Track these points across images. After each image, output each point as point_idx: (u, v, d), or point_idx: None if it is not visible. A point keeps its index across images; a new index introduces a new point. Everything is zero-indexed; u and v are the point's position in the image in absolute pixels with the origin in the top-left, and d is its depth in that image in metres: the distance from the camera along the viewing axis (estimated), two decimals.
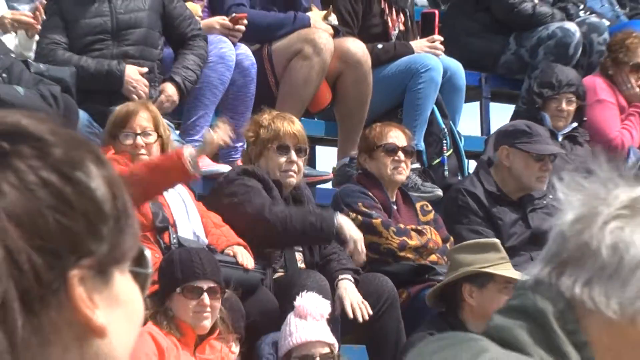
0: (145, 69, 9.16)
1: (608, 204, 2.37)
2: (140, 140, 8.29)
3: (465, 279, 8.37)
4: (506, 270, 8.31)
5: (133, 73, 8.93)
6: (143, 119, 8.34)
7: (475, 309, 8.33)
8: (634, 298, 2.31)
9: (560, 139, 9.80)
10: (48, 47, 9.32)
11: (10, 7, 9.75)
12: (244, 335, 7.98)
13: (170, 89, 8.85)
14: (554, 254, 2.42)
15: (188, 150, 7.86)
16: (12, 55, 8.85)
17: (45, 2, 9.16)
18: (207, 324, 7.59)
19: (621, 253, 2.34)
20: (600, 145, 10.03)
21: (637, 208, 2.40)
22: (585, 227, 2.37)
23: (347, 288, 8.37)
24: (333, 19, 9.48)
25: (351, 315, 8.27)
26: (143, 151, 8.33)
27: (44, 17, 9.14)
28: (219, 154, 9.54)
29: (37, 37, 9.55)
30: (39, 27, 9.08)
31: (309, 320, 7.94)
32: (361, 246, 8.03)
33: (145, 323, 7.17)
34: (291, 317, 7.97)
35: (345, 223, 8.05)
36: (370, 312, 8.35)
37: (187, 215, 8.39)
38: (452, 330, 7.62)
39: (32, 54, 9.43)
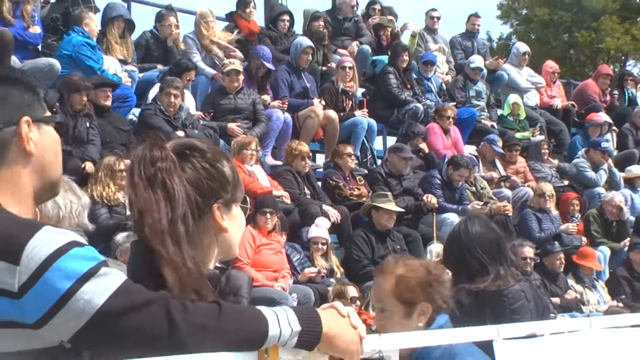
0: (238, 123, 8.72)
1: None
2: (254, 152, 8.14)
3: (373, 207, 8.22)
4: (388, 205, 8.21)
5: (231, 125, 8.70)
6: (254, 144, 8.20)
7: (376, 220, 8.14)
8: None
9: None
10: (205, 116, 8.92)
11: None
12: (288, 231, 7.88)
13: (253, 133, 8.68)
14: None
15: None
16: (194, 117, 8.51)
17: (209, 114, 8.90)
18: (269, 226, 7.42)
19: None
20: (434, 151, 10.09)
21: None
22: None
23: (329, 209, 8.23)
24: (323, 103, 9.63)
25: (333, 219, 8.17)
26: (254, 159, 8.17)
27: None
28: (278, 155, 9.31)
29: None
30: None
31: (319, 227, 7.84)
32: None
33: (246, 225, 7.65)
34: (313, 226, 7.85)
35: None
36: (339, 218, 8.28)
37: (265, 181, 8.21)
38: (373, 226, 8.18)
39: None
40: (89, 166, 7.24)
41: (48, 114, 1.70)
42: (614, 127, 12.27)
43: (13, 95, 1.66)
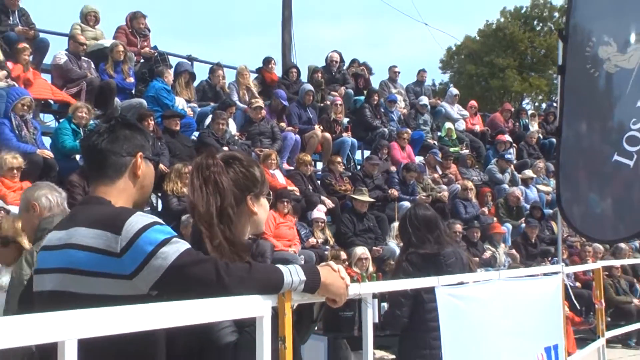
0: (260, 147, 8.27)
1: None
2: (274, 161, 7.76)
3: (353, 198, 7.95)
4: (362, 197, 7.95)
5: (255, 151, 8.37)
6: (274, 156, 7.81)
7: (355, 206, 7.92)
8: None
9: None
10: (241, 136, 8.33)
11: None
12: (300, 213, 7.63)
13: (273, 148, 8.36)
14: None
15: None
16: (235, 137, 8.05)
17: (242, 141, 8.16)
18: (285, 210, 7.14)
19: None
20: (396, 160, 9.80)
21: None
22: None
23: (325, 199, 8.05)
24: (321, 128, 9.43)
25: (328, 206, 7.91)
26: (274, 165, 7.69)
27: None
28: (291, 162, 8.74)
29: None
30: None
31: (319, 211, 7.62)
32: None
33: (270, 210, 7.17)
34: (315, 210, 7.66)
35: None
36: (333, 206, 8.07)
37: (282, 180, 7.96)
38: (355, 210, 7.85)
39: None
40: (163, 169, 7.23)
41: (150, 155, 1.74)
42: (514, 144, 12.32)
43: (135, 138, 1.70)
